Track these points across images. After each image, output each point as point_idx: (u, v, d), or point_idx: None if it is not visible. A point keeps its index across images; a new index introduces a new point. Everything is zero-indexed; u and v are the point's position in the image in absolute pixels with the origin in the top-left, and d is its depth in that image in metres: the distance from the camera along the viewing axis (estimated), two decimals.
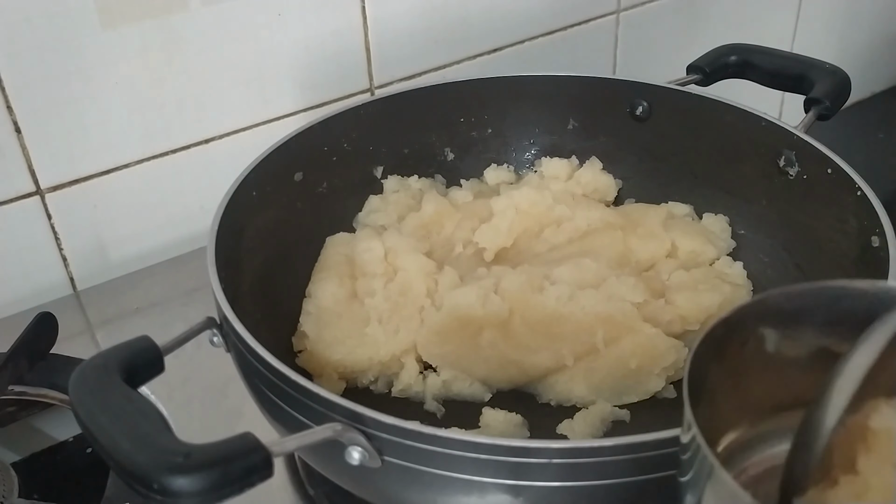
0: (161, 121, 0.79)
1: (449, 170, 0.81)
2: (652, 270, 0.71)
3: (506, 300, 0.64)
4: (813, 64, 0.75)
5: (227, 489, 0.37)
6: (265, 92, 0.83)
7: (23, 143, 0.73)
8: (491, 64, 0.95)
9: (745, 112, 0.71)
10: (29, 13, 0.69)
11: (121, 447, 0.38)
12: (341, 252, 0.71)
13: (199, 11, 0.76)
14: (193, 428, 0.64)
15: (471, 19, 0.92)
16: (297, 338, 0.65)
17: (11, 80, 0.71)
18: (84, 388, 0.42)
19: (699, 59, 0.79)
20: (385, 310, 0.66)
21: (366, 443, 0.43)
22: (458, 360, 0.64)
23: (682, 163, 0.77)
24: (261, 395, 0.51)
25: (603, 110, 0.79)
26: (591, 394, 0.62)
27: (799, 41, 1.22)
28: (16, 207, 0.75)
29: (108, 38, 0.73)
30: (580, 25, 1.00)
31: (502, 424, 0.60)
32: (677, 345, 0.63)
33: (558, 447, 0.41)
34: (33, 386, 0.68)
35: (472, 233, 0.72)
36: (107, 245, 0.82)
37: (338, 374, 0.64)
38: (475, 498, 0.44)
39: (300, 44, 0.83)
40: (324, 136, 0.72)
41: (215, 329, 0.53)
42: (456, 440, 0.42)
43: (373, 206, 0.76)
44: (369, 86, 0.89)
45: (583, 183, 0.79)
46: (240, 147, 0.83)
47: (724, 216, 0.75)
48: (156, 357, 0.47)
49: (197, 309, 0.75)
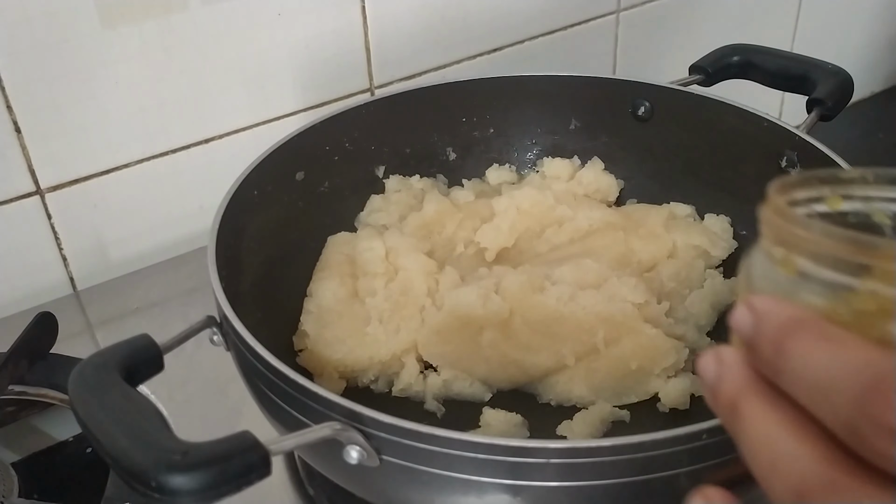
0: (161, 121, 0.79)
1: (451, 169, 0.81)
2: (653, 271, 0.71)
3: (507, 300, 0.64)
4: (816, 64, 0.75)
5: (225, 487, 0.37)
6: (265, 92, 0.83)
7: (23, 143, 0.73)
8: (491, 64, 0.95)
9: (747, 112, 0.71)
10: (29, 13, 0.69)
11: (119, 445, 0.38)
12: (342, 251, 0.71)
13: (199, 11, 0.76)
14: (193, 427, 0.64)
15: (471, 19, 0.92)
16: (298, 337, 0.65)
17: (11, 80, 0.71)
18: (83, 386, 0.42)
19: (701, 60, 0.79)
20: (386, 309, 0.66)
21: (364, 442, 0.43)
22: (458, 360, 0.63)
23: (684, 163, 0.77)
24: (260, 394, 0.51)
25: (605, 110, 0.79)
26: (592, 394, 0.62)
27: (799, 41, 1.22)
28: (16, 207, 0.75)
29: (108, 38, 0.73)
30: (580, 25, 1.00)
31: (502, 424, 0.60)
32: (678, 345, 0.63)
33: (557, 447, 0.41)
34: (33, 386, 0.68)
35: (473, 233, 0.72)
36: (107, 245, 0.82)
37: (338, 374, 0.63)
38: (474, 497, 0.44)
39: (300, 44, 0.83)
40: (326, 136, 0.72)
41: (215, 328, 0.53)
42: (454, 440, 0.42)
43: (374, 206, 0.76)
44: (369, 86, 0.89)
45: (584, 183, 0.79)
46: (240, 147, 0.83)
47: (725, 217, 0.75)
48: (155, 355, 0.46)
49: (197, 308, 0.75)
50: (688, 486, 0.43)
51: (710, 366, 0.27)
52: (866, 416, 0.22)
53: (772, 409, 0.25)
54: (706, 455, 0.43)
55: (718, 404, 0.27)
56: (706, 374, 0.28)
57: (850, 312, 0.25)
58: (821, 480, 0.23)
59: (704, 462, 0.42)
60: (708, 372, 0.27)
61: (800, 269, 0.27)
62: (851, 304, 0.25)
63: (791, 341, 0.24)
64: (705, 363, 0.28)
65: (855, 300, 0.25)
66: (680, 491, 0.44)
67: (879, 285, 0.25)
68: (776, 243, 0.28)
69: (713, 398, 0.27)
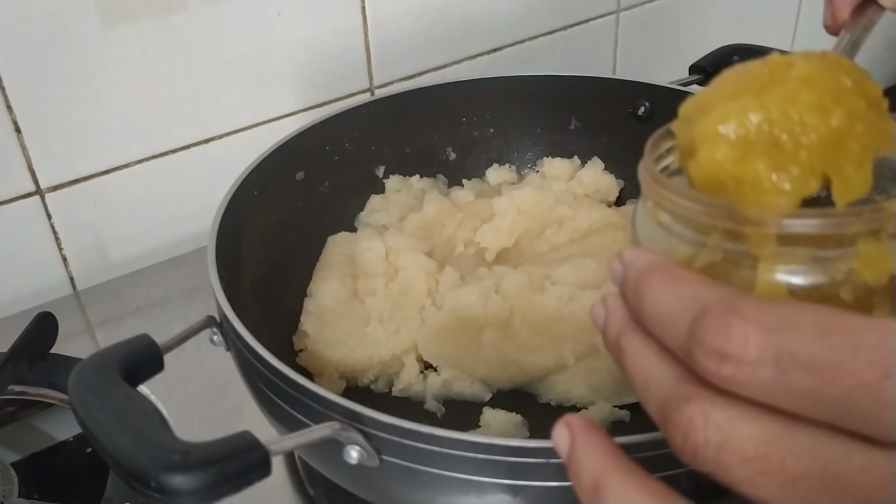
0: (161, 121, 0.79)
1: (451, 169, 0.81)
2: None
3: (507, 300, 0.64)
4: None
5: (225, 487, 0.37)
6: (265, 92, 0.83)
7: (23, 143, 0.73)
8: (491, 64, 0.95)
9: None
10: (29, 13, 0.69)
11: (119, 445, 0.38)
12: (342, 251, 0.71)
13: (199, 11, 0.76)
14: (193, 427, 0.64)
15: (471, 19, 0.92)
16: (298, 337, 0.65)
17: (11, 80, 0.71)
18: (83, 386, 0.42)
19: (701, 60, 0.79)
20: (386, 309, 0.66)
21: (364, 442, 0.43)
22: (458, 360, 0.63)
23: None
24: (260, 394, 0.51)
25: (605, 110, 0.79)
26: (592, 394, 0.62)
27: (799, 41, 1.22)
28: (16, 207, 0.75)
29: (108, 38, 0.73)
30: (580, 25, 1.01)
31: (502, 424, 0.60)
32: None
33: None
34: (33, 386, 0.68)
35: (473, 232, 0.72)
36: (107, 245, 0.82)
37: (338, 374, 0.64)
38: (473, 497, 0.44)
39: (300, 44, 0.83)
40: (326, 136, 0.72)
41: (215, 328, 0.53)
42: (454, 440, 0.42)
43: (374, 206, 0.76)
44: (369, 86, 0.89)
45: (584, 183, 0.79)
46: (240, 147, 0.84)
47: None
48: (155, 355, 0.46)
49: (197, 308, 0.75)
50: (688, 486, 0.44)
51: (599, 312, 0.31)
52: (696, 341, 0.25)
53: (643, 342, 0.29)
54: None
55: (607, 343, 0.31)
56: (596, 320, 0.31)
57: (702, 261, 0.29)
58: (677, 394, 0.27)
59: None
60: (597, 318, 0.31)
61: (662, 223, 0.30)
62: (703, 254, 0.29)
63: (645, 284, 0.28)
64: (595, 311, 0.31)
65: (705, 251, 0.29)
66: (680, 491, 0.44)
67: (723, 241, 0.28)
68: (647, 197, 0.32)
69: (604, 339, 0.31)
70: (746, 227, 0.27)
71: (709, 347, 0.25)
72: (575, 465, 0.30)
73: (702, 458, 0.26)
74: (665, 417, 0.27)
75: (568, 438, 0.31)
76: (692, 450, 0.26)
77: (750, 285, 0.28)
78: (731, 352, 0.24)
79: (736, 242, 0.28)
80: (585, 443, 0.30)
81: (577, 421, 0.31)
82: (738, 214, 0.27)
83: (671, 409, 0.27)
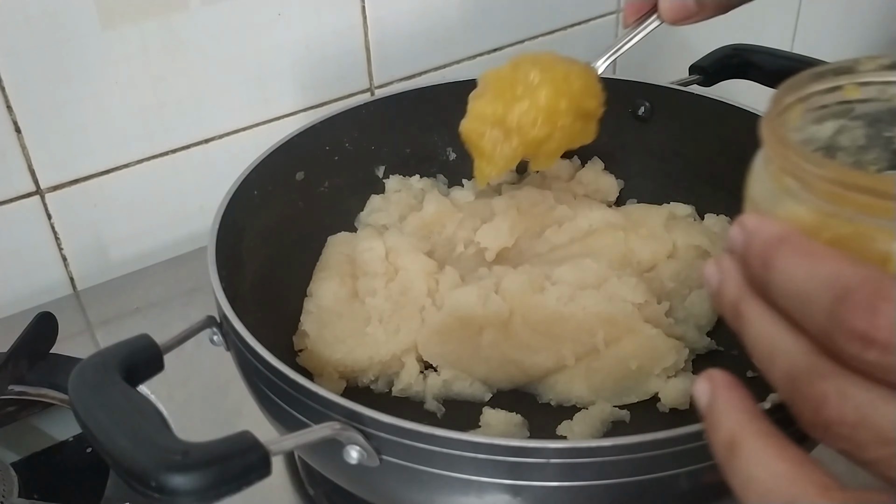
0: (161, 121, 0.79)
1: (451, 169, 0.81)
2: (653, 271, 0.71)
3: (507, 300, 0.64)
4: (815, 64, 0.75)
5: (225, 487, 0.37)
6: (265, 92, 0.83)
7: (23, 143, 0.73)
8: (491, 64, 0.95)
9: (747, 112, 0.71)
10: (29, 13, 0.69)
11: (119, 445, 0.38)
12: (342, 251, 0.71)
13: (199, 11, 0.76)
14: (193, 427, 0.64)
15: (471, 19, 0.92)
16: (298, 337, 0.65)
17: (11, 80, 0.71)
18: (83, 386, 0.42)
19: (701, 60, 0.79)
20: (386, 309, 0.66)
21: (364, 442, 0.43)
22: (458, 360, 0.63)
23: (684, 163, 0.77)
24: (260, 394, 0.51)
25: (605, 110, 0.78)
26: (592, 394, 0.62)
27: (799, 41, 1.22)
28: (16, 207, 0.75)
29: (108, 38, 0.73)
30: (580, 25, 1.00)
31: (502, 424, 0.60)
32: (678, 345, 0.63)
33: (557, 447, 0.41)
34: (33, 386, 0.68)
35: (473, 232, 0.72)
36: (107, 245, 0.82)
37: (338, 374, 0.63)
38: (473, 497, 0.44)
39: (300, 44, 0.83)
40: (326, 136, 0.72)
41: (215, 328, 0.53)
42: (454, 440, 0.42)
43: (374, 206, 0.76)
44: (369, 86, 0.89)
45: (584, 183, 0.79)
46: (240, 147, 0.83)
47: (725, 217, 0.75)
48: (155, 355, 0.46)
49: (197, 308, 0.75)
50: (688, 486, 0.44)
51: (713, 273, 0.31)
52: (837, 323, 0.25)
53: (766, 311, 0.28)
54: (706, 455, 0.42)
55: (723, 307, 0.30)
56: (710, 281, 0.31)
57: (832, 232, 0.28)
58: (807, 366, 0.26)
59: (704, 462, 0.42)
60: (712, 278, 0.31)
61: (788, 187, 0.30)
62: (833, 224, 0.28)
63: (775, 257, 0.28)
64: (709, 271, 0.31)
65: (836, 222, 0.28)
66: (680, 491, 0.44)
67: (857, 214, 0.28)
68: (771, 160, 0.31)
69: (718, 302, 0.31)
70: (891, 202, 0.27)
71: (852, 330, 0.24)
72: (713, 421, 0.30)
73: (834, 434, 0.26)
74: (794, 388, 0.27)
75: (709, 392, 0.30)
76: (824, 424, 0.26)
77: (884, 260, 0.27)
78: (878, 338, 0.24)
79: (872, 216, 0.27)
80: (726, 399, 0.30)
81: (720, 376, 0.31)
82: (884, 190, 0.27)
83: (802, 383, 0.26)
